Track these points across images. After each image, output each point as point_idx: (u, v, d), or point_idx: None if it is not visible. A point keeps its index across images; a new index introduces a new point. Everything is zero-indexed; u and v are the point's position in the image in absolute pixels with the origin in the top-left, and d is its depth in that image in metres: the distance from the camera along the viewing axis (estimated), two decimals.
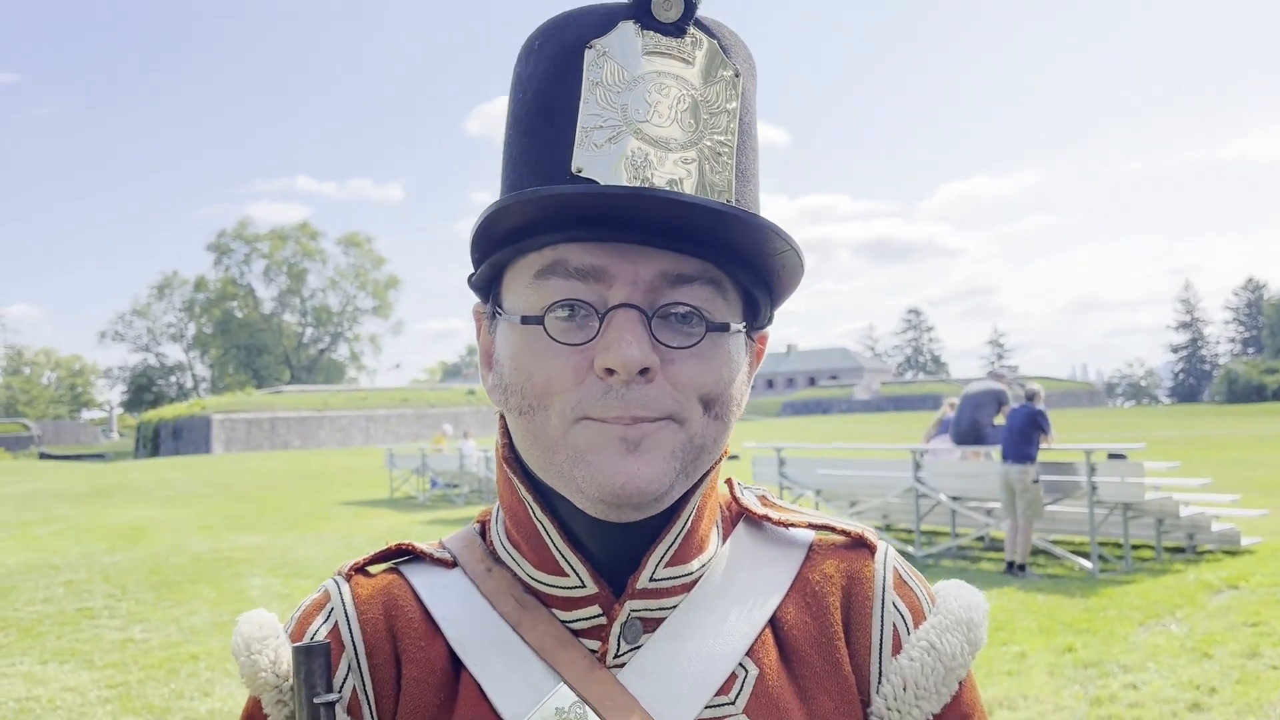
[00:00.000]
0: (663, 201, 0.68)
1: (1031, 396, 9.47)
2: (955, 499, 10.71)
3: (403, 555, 0.89)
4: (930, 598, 0.88)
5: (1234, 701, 5.47)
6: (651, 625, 0.80)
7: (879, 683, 0.83)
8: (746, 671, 0.79)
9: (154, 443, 49.32)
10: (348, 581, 0.86)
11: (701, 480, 0.81)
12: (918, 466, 10.83)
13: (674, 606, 0.80)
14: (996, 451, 10.03)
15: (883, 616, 0.84)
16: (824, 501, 12.10)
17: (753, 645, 0.80)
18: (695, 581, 0.82)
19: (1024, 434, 9.21)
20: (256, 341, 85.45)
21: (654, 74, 0.72)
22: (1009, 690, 5.84)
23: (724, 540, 0.87)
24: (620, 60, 0.72)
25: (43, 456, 52.79)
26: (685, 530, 0.81)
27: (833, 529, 0.88)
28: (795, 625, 0.83)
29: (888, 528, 12.54)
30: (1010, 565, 9.41)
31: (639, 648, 0.79)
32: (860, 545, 0.88)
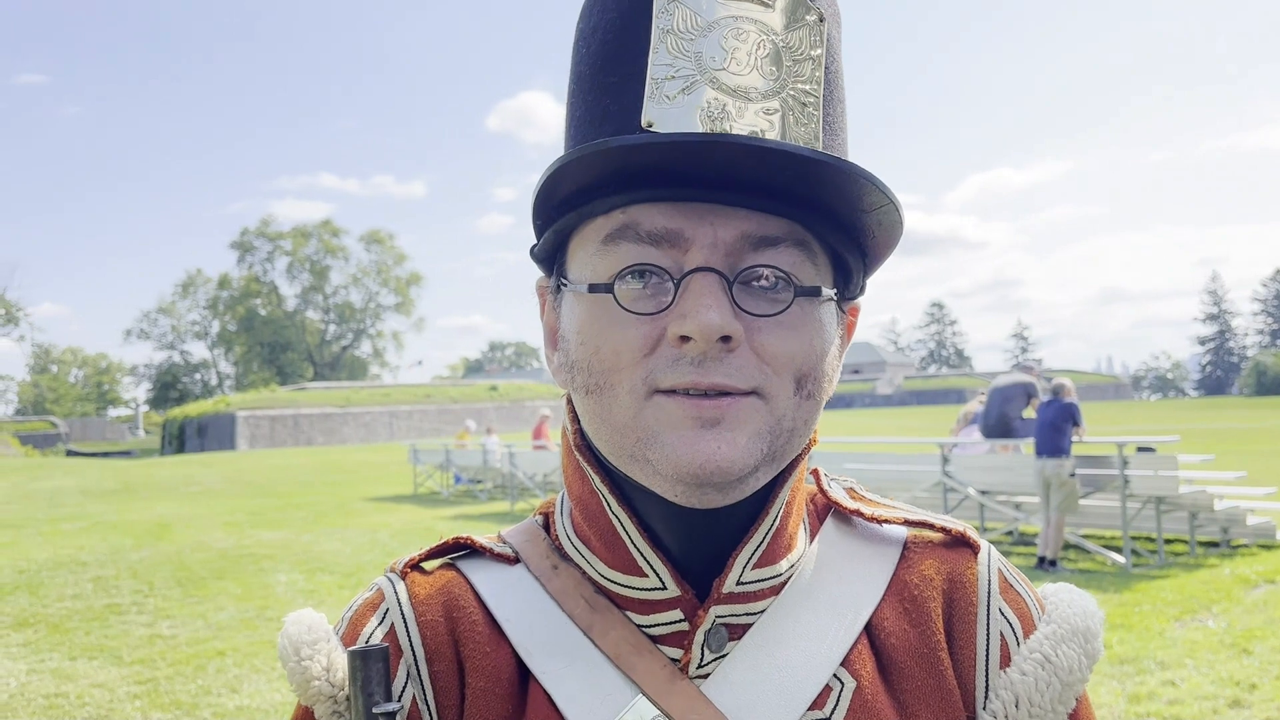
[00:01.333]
0: (743, 151, 0.61)
1: (1058, 391, 9.34)
2: (984, 493, 10.59)
3: (460, 550, 0.82)
4: (1039, 604, 0.80)
5: (1275, 698, 5.36)
6: (738, 632, 0.73)
7: (986, 698, 0.75)
8: (842, 684, 0.72)
9: (179, 440, 49.71)
10: (403, 579, 0.79)
11: (789, 470, 0.73)
12: (946, 460, 10.71)
13: (761, 611, 0.73)
14: (1026, 445, 9.89)
15: (989, 624, 0.76)
16: None
17: (848, 655, 0.73)
18: (784, 584, 0.75)
19: (1057, 427, 9.10)
20: (280, 339, 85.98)
21: (731, 18, 0.65)
22: None
23: (812, 538, 0.80)
24: (693, 5, 0.66)
25: (70, 454, 53.28)
26: (774, 528, 0.74)
27: (930, 525, 0.81)
28: (893, 633, 0.75)
29: None
30: (1041, 560, 9.29)
31: (724, 656, 0.72)
32: (961, 544, 0.81)
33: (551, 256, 0.75)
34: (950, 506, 10.79)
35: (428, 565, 0.82)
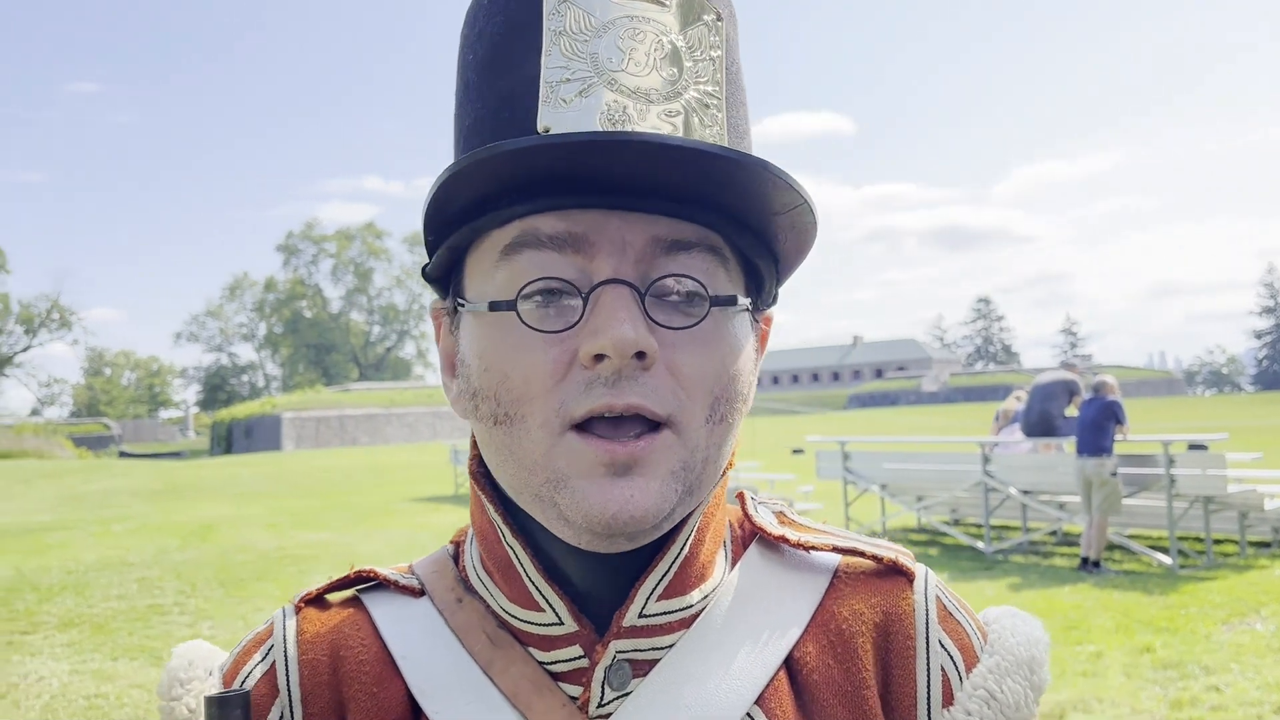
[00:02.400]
0: (649, 153, 0.57)
1: (1099, 388, 9.15)
2: (1026, 493, 10.42)
3: (365, 582, 0.79)
4: (980, 633, 0.75)
5: None
6: (643, 668, 0.68)
7: None
8: None
9: (227, 441, 50.46)
10: (296, 614, 0.77)
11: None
12: (987, 460, 10.55)
13: (669, 646, 0.69)
14: (1069, 444, 9.71)
15: (929, 659, 0.72)
16: (890, 496, 11.87)
17: (763, 692, 0.68)
18: (696, 615, 0.70)
19: (1098, 426, 8.91)
20: (325, 340, 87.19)
21: (626, 18, 0.63)
22: (1084, 692, 5.62)
23: (732, 565, 0.75)
24: (584, 6, 0.63)
25: (122, 455, 54.28)
26: (682, 556, 0.69)
27: (861, 553, 0.76)
28: (815, 669, 0.70)
29: (956, 522, 12.28)
30: (1084, 561, 9.11)
31: (628, 694, 0.68)
32: (895, 573, 0.76)
33: (446, 276, 0.71)
34: (992, 506, 10.64)
35: (331, 597, 0.79)
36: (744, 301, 0.66)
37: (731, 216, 0.64)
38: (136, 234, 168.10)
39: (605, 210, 0.62)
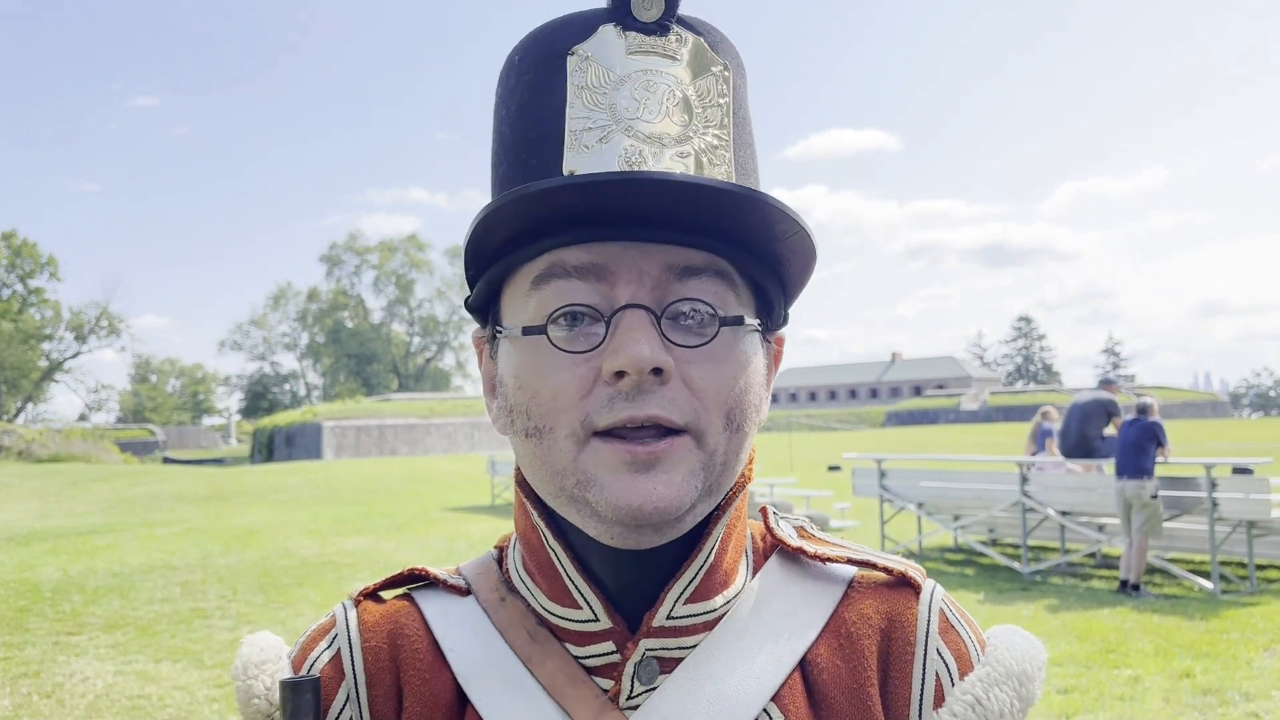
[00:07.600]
0: (661, 190, 0.65)
1: (1143, 410, 9.06)
2: (1065, 514, 10.32)
3: (417, 581, 0.86)
4: (979, 645, 0.80)
5: None
6: (669, 665, 0.75)
7: None
8: (770, 717, 0.74)
9: (269, 448, 51.01)
10: (356, 607, 0.84)
11: (725, 508, 0.76)
12: (1024, 480, 10.48)
13: (694, 646, 0.75)
14: (1109, 465, 9.63)
15: (925, 664, 0.77)
16: (927, 515, 11.81)
17: (779, 690, 0.74)
18: (719, 619, 0.77)
19: (1139, 447, 8.83)
20: (366, 351, 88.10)
21: (640, 72, 0.71)
22: (1121, 716, 5.58)
23: (754, 574, 0.82)
24: (604, 63, 0.71)
25: (166, 461, 54.96)
26: (708, 564, 0.76)
27: (875, 565, 0.82)
28: (826, 669, 0.76)
29: (994, 542, 12.18)
30: (1124, 584, 9.02)
31: (655, 689, 0.74)
32: (903, 584, 0.81)
33: (485, 307, 0.79)
34: (1030, 527, 10.55)
35: (385, 594, 0.86)
36: (751, 322, 0.72)
37: (739, 244, 0.71)
38: (184, 243, 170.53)
39: (624, 242, 0.69)
